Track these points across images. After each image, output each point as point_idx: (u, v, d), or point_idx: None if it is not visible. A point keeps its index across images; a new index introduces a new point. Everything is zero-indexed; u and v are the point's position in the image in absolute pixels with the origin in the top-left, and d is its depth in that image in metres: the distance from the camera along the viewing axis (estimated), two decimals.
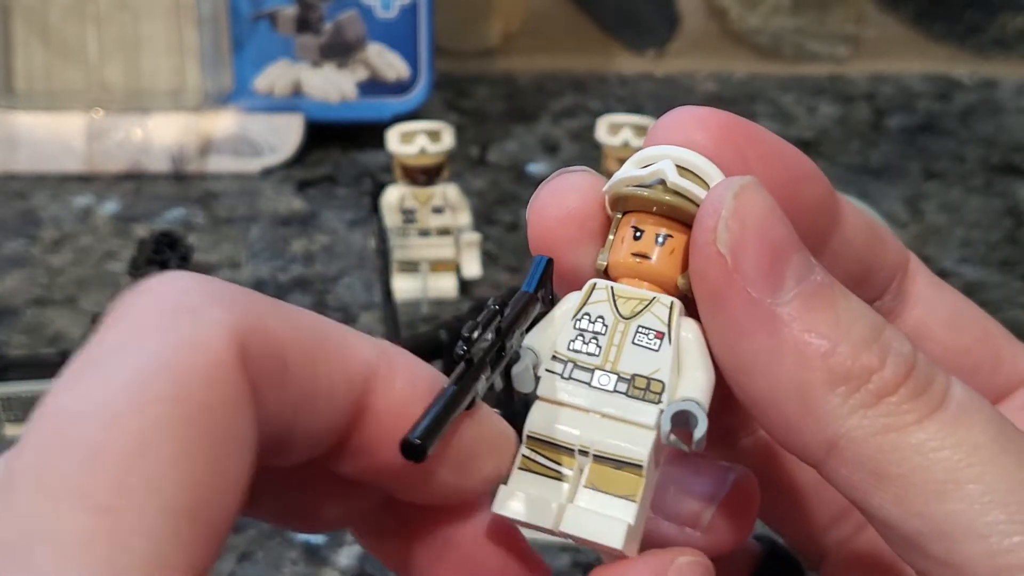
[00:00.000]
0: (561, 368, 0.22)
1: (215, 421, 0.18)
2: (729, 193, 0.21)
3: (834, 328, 0.20)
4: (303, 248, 0.68)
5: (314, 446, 0.21)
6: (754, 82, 0.91)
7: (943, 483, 0.19)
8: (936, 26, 0.92)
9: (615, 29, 0.93)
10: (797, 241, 0.21)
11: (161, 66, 0.77)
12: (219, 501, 0.18)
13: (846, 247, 0.24)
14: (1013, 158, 0.80)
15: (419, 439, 0.19)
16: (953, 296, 0.26)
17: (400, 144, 0.60)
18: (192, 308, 0.19)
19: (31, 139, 0.75)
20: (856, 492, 0.20)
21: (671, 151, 0.22)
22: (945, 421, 0.20)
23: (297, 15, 0.76)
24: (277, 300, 0.21)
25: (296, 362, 0.20)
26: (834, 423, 0.20)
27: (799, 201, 0.23)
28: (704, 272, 0.21)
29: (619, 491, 0.22)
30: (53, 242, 0.69)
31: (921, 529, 0.20)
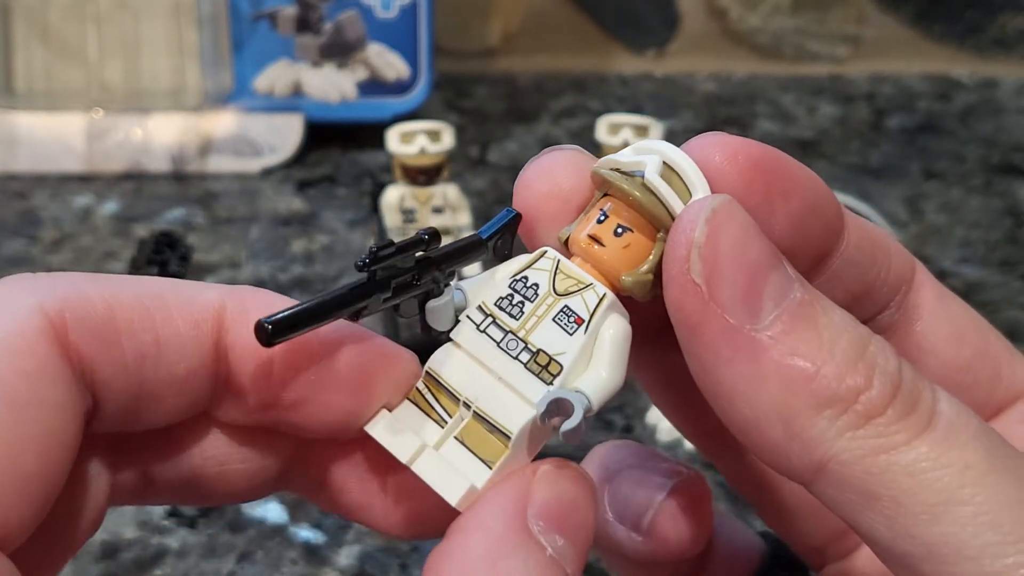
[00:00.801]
0: (480, 319, 0.22)
1: (7, 389, 0.19)
2: (701, 218, 0.20)
3: (817, 349, 0.20)
4: (303, 248, 0.68)
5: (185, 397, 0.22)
6: (754, 82, 0.91)
7: (934, 505, 0.19)
8: (936, 26, 0.92)
9: (615, 29, 0.93)
10: (774, 256, 0.21)
11: (161, 66, 0.77)
12: (16, 458, 0.19)
13: (847, 267, 0.24)
14: (1013, 158, 0.80)
15: (269, 323, 0.19)
16: (958, 308, 0.26)
17: (400, 144, 0.60)
18: (9, 297, 0.21)
19: (31, 139, 0.75)
20: (846, 512, 0.20)
21: (664, 148, 0.22)
22: (935, 441, 0.20)
23: (297, 15, 0.76)
24: (107, 275, 0.22)
25: (127, 319, 0.21)
26: (821, 446, 0.20)
27: (811, 230, 0.22)
28: (680, 303, 0.21)
29: (482, 453, 0.22)
30: (53, 242, 0.69)
31: (912, 551, 0.19)
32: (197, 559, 0.45)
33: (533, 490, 0.21)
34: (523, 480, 0.21)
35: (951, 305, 0.26)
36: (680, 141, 0.23)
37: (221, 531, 0.46)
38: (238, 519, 0.47)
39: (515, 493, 0.21)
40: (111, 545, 0.48)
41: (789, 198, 0.22)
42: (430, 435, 0.22)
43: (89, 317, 0.21)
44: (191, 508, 0.49)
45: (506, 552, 0.20)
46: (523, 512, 0.21)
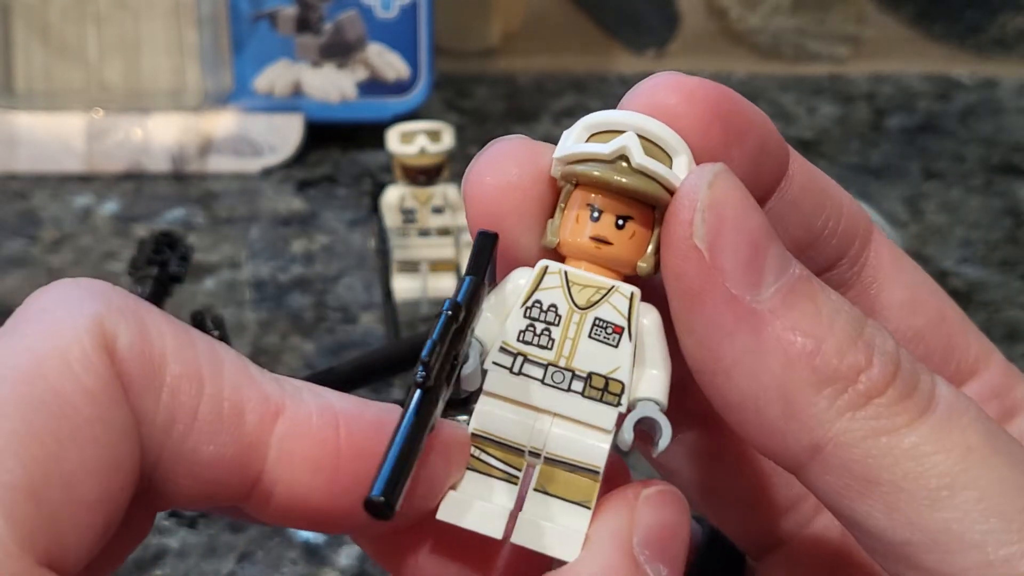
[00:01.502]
0: (510, 362, 0.21)
1: (65, 404, 0.17)
2: (703, 183, 0.20)
3: (817, 325, 0.19)
4: (303, 248, 0.68)
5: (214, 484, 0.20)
6: (754, 82, 0.91)
7: (936, 489, 0.18)
8: (936, 26, 0.92)
9: (615, 29, 0.93)
10: (771, 231, 0.20)
11: (161, 66, 0.77)
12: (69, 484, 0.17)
13: (791, 209, 0.23)
14: (1013, 158, 0.80)
15: (383, 496, 0.17)
16: (913, 273, 0.25)
17: (400, 144, 0.60)
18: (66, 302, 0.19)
19: (31, 139, 0.75)
20: (840, 499, 0.19)
21: (634, 120, 0.20)
22: (936, 423, 0.19)
23: (297, 15, 0.76)
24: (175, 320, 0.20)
25: (176, 375, 0.19)
26: (820, 427, 0.19)
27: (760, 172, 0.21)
28: (680, 269, 0.20)
29: (572, 496, 0.20)
30: (53, 242, 0.69)
31: (911, 539, 0.19)
32: (197, 559, 0.45)
33: (637, 517, 0.20)
34: (627, 506, 0.20)
35: (907, 270, 0.25)
36: None
37: (221, 531, 0.46)
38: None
39: (621, 520, 0.20)
40: None
41: (744, 139, 0.21)
42: (504, 497, 0.20)
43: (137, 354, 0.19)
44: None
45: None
46: (629, 540, 0.20)
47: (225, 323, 0.57)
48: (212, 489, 0.20)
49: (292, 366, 0.58)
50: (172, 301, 0.58)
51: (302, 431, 0.20)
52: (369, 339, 0.60)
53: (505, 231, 0.21)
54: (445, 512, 0.20)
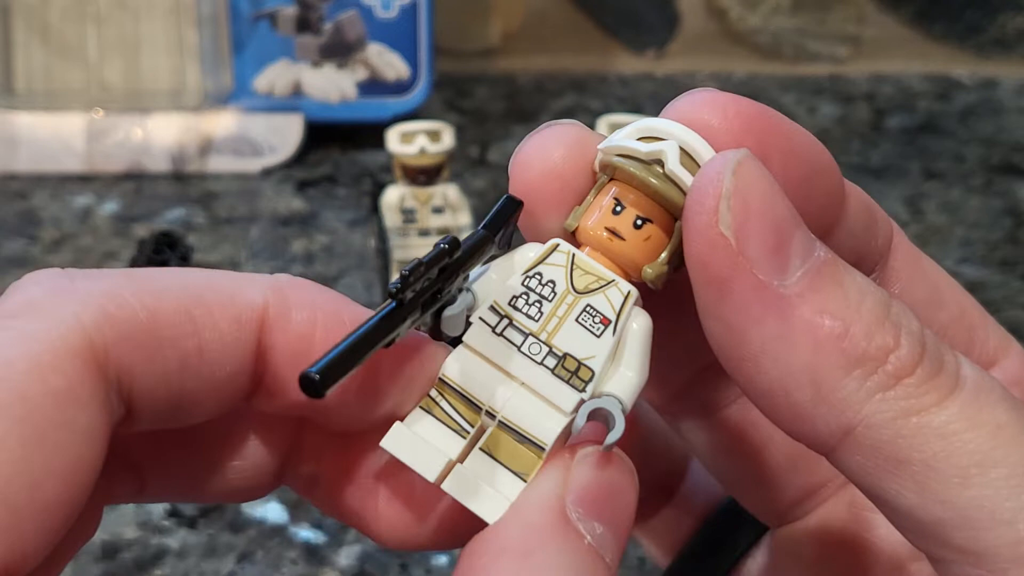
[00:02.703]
0: (495, 321, 0.21)
1: (33, 411, 0.18)
2: (727, 169, 0.19)
3: (845, 307, 0.19)
4: (303, 248, 0.68)
5: (224, 398, 0.21)
6: (754, 82, 0.91)
7: (967, 467, 0.18)
8: (936, 26, 0.92)
9: (615, 29, 0.93)
10: (797, 217, 0.20)
11: (161, 66, 0.77)
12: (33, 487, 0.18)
13: (848, 237, 0.23)
14: (1013, 158, 0.80)
15: (317, 373, 0.18)
16: (932, 271, 0.25)
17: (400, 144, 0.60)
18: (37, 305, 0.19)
19: (31, 139, 0.75)
20: (871, 479, 0.19)
21: (679, 131, 0.21)
22: (965, 402, 0.19)
23: (297, 15, 0.76)
24: (145, 273, 0.21)
25: (168, 325, 0.20)
26: (850, 409, 0.19)
27: (813, 196, 0.21)
28: (706, 257, 0.20)
29: (513, 465, 0.21)
30: (53, 242, 0.69)
31: (942, 517, 0.19)
32: (197, 559, 0.45)
33: (571, 476, 0.20)
34: (561, 466, 0.20)
35: (927, 267, 0.25)
36: None
37: (221, 531, 0.46)
38: (238, 519, 0.47)
39: (552, 480, 0.20)
40: (111, 545, 0.48)
41: (787, 159, 0.21)
42: (451, 447, 0.21)
43: (131, 329, 0.20)
44: (191, 508, 0.49)
45: (543, 541, 0.19)
46: (561, 499, 0.20)
47: None
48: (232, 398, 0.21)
49: None
50: None
51: (283, 326, 0.21)
52: None
53: (541, 214, 0.22)
54: (388, 442, 0.21)
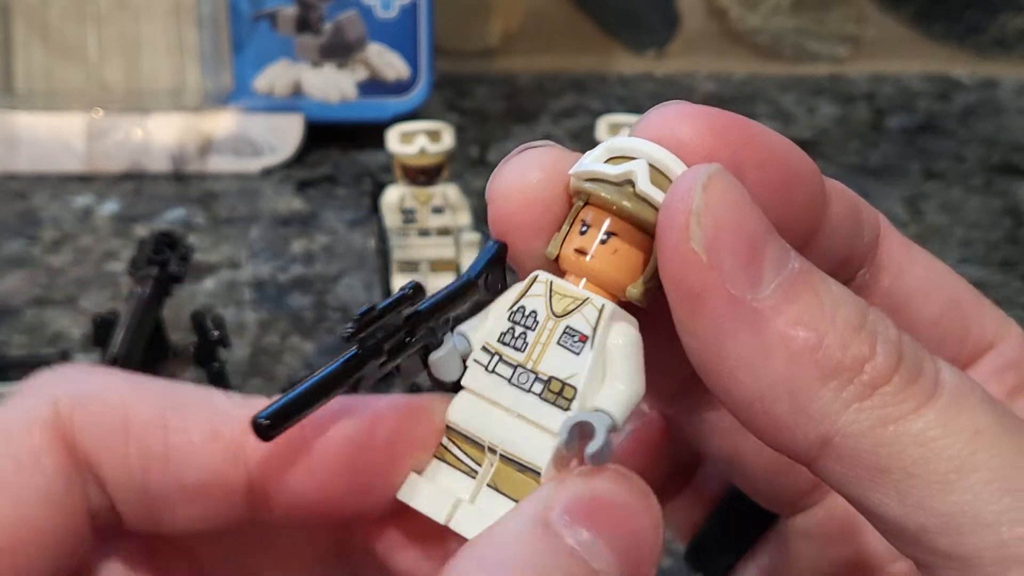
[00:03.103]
0: (487, 360, 0.21)
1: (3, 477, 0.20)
2: (698, 185, 0.19)
3: (819, 318, 0.19)
4: (303, 248, 0.68)
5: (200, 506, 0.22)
6: (754, 82, 0.91)
7: (946, 473, 0.18)
8: (936, 26, 0.92)
9: (615, 29, 0.93)
10: (770, 228, 0.20)
11: (161, 66, 0.77)
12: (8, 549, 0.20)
13: (831, 239, 0.23)
14: (1013, 158, 0.80)
15: (267, 419, 0.18)
16: (923, 260, 0.25)
17: (400, 144, 0.60)
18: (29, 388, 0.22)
19: (31, 139, 0.75)
20: (853, 489, 0.19)
21: (649, 149, 0.21)
22: (943, 408, 0.19)
23: (297, 15, 0.76)
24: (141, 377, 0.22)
25: (140, 422, 0.21)
26: (827, 419, 0.19)
27: (792, 203, 0.21)
28: (679, 273, 0.20)
29: (517, 495, 0.21)
30: (53, 242, 0.69)
31: (925, 523, 0.19)
32: None
33: (563, 487, 0.20)
34: (554, 484, 0.20)
35: (918, 257, 0.25)
36: None
37: None
38: None
39: (539, 494, 0.20)
40: None
41: (763, 168, 0.21)
42: (463, 489, 0.21)
43: (100, 415, 0.21)
44: None
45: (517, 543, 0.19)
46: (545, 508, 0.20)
47: (225, 323, 0.57)
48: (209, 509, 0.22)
49: (292, 366, 0.58)
50: (172, 301, 0.58)
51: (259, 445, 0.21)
52: None
53: (522, 241, 0.22)
54: (403, 493, 0.22)
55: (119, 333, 0.51)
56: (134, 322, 0.52)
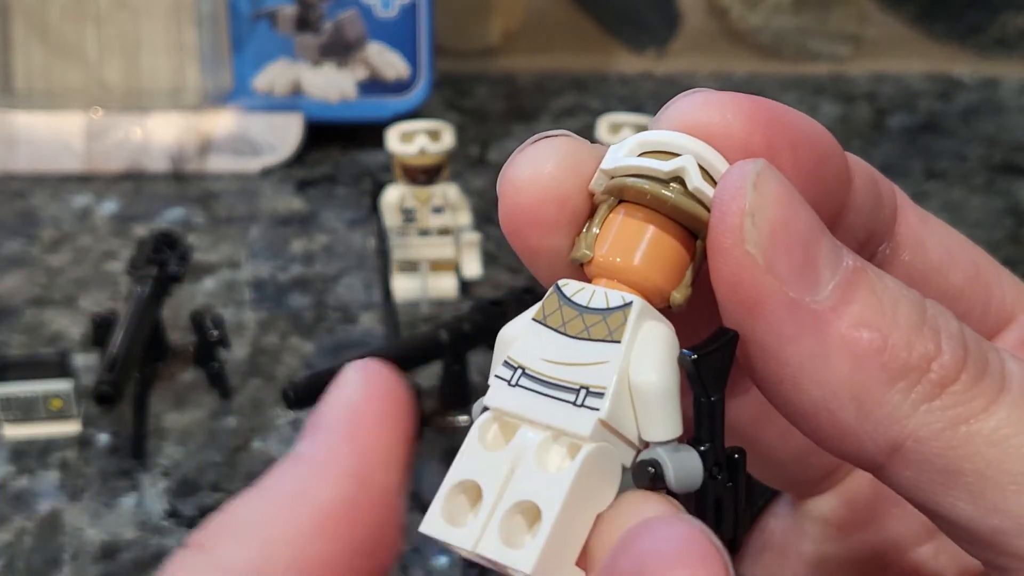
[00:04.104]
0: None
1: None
2: (748, 184, 0.18)
3: (881, 317, 0.18)
4: (303, 248, 0.68)
5: None
6: (755, 81, 0.91)
7: (1021, 473, 0.18)
8: (937, 26, 0.92)
9: (615, 28, 0.93)
10: (820, 224, 0.19)
11: (161, 66, 0.77)
12: None
13: (856, 216, 0.22)
14: (1014, 157, 0.80)
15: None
16: (941, 231, 0.24)
17: (400, 144, 0.60)
18: None
19: (30, 139, 0.75)
20: (924, 493, 0.19)
21: (691, 144, 0.19)
22: (1012, 404, 0.18)
23: (297, 14, 0.76)
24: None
25: None
26: (897, 423, 0.18)
27: (824, 183, 0.20)
28: (735, 278, 0.19)
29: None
30: (52, 242, 0.69)
31: (999, 526, 0.18)
32: None
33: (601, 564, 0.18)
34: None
35: (936, 228, 0.24)
36: None
37: None
38: None
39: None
40: (111, 545, 0.48)
41: (796, 150, 0.20)
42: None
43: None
44: (191, 508, 0.49)
45: None
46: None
47: (224, 323, 0.57)
48: None
49: (292, 366, 0.58)
50: (172, 301, 0.58)
51: None
52: (369, 339, 0.60)
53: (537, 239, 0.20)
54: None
55: (118, 333, 0.51)
56: (133, 322, 0.52)
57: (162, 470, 0.51)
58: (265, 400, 0.55)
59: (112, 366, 0.48)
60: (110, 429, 0.53)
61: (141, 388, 0.54)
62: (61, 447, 0.52)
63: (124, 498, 0.50)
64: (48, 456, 0.52)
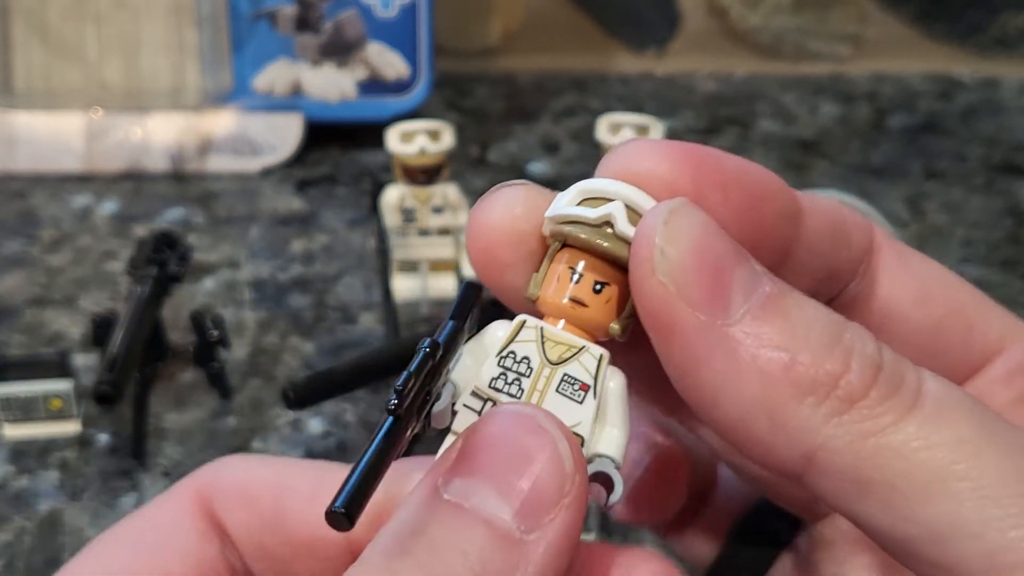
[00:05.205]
0: (479, 406, 0.21)
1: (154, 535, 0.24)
2: (659, 220, 0.20)
3: (791, 338, 0.20)
4: (303, 248, 0.68)
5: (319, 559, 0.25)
6: (755, 81, 0.91)
7: (928, 484, 0.19)
8: (937, 26, 0.92)
9: (615, 28, 0.93)
10: (740, 253, 0.20)
11: (161, 66, 0.77)
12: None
13: (810, 255, 0.23)
14: (1014, 158, 0.80)
15: (343, 507, 0.18)
16: (921, 266, 0.25)
17: (400, 144, 0.60)
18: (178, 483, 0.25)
19: (30, 139, 0.75)
20: (841, 503, 0.20)
21: (622, 190, 0.21)
22: (924, 419, 0.19)
23: (297, 14, 0.76)
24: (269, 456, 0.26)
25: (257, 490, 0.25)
26: (808, 436, 0.19)
27: (759, 221, 0.22)
28: (650, 305, 0.20)
29: None
30: (52, 242, 0.69)
31: (912, 534, 0.19)
32: None
33: (443, 457, 0.20)
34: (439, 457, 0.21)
35: (914, 264, 0.25)
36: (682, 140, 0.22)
37: None
38: None
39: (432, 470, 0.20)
40: None
41: (727, 191, 0.21)
42: None
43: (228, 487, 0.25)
44: None
45: (414, 517, 0.20)
46: (432, 481, 0.20)
47: (224, 323, 0.57)
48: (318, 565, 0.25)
49: (292, 366, 0.58)
50: (172, 301, 0.58)
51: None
52: (369, 339, 0.60)
53: (497, 277, 0.22)
54: None
55: (118, 333, 0.51)
56: (133, 322, 0.52)
57: (162, 470, 0.51)
58: (265, 400, 0.55)
59: (112, 366, 0.48)
60: (110, 429, 0.53)
61: (141, 388, 0.54)
62: (61, 447, 0.52)
63: (124, 498, 0.50)
64: (48, 456, 0.52)
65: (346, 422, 0.54)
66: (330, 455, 0.52)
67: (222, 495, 0.24)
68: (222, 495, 0.24)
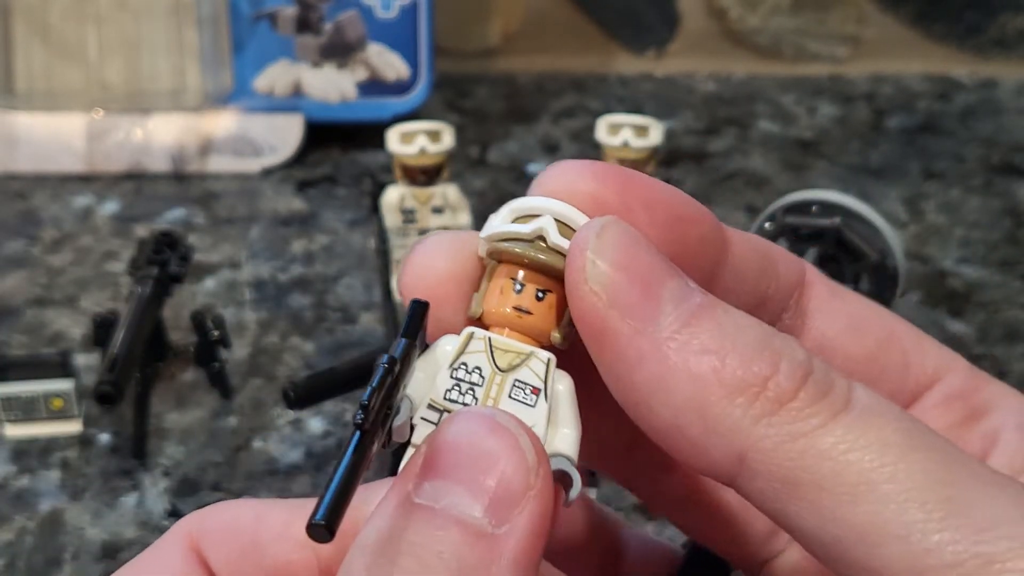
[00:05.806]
0: (436, 417, 0.22)
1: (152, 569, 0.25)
2: (592, 232, 0.21)
3: (720, 342, 0.20)
4: (303, 248, 0.68)
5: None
6: (754, 82, 0.91)
7: (855, 485, 0.19)
8: (936, 26, 0.92)
9: (615, 29, 0.93)
10: (668, 267, 0.21)
11: (161, 66, 0.77)
12: None
13: (736, 281, 0.24)
14: (1013, 158, 0.80)
15: (324, 520, 0.19)
16: (853, 301, 0.26)
17: (400, 144, 0.60)
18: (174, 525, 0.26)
19: (31, 139, 0.75)
20: (771, 504, 0.20)
21: (552, 206, 0.22)
22: (852, 422, 0.19)
23: (297, 15, 0.76)
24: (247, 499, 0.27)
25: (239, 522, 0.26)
26: (739, 436, 0.20)
27: (683, 241, 0.23)
28: (583, 313, 0.21)
29: None
30: (53, 242, 0.69)
31: (838, 535, 0.19)
32: None
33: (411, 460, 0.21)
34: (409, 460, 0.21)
35: (846, 299, 0.26)
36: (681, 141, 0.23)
37: None
38: None
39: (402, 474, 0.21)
40: (112, 545, 0.48)
41: (651, 209, 0.22)
42: None
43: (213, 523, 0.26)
44: (191, 508, 0.49)
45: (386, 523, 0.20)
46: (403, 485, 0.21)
47: (225, 323, 0.57)
48: None
49: (292, 366, 0.58)
50: (172, 301, 0.58)
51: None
52: (369, 339, 0.60)
53: (438, 311, 0.23)
54: None
55: (119, 333, 0.51)
56: (134, 322, 0.52)
57: (163, 470, 0.52)
58: (265, 400, 0.56)
59: (113, 366, 0.48)
60: (111, 429, 0.54)
61: (142, 388, 0.54)
62: (62, 447, 0.53)
63: (125, 498, 0.50)
64: (49, 456, 0.52)
65: (346, 422, 0.54)
66: (330, 455, 0.52)
67: (208, 534, 0.25)
68: (208, 534, 0.25)
